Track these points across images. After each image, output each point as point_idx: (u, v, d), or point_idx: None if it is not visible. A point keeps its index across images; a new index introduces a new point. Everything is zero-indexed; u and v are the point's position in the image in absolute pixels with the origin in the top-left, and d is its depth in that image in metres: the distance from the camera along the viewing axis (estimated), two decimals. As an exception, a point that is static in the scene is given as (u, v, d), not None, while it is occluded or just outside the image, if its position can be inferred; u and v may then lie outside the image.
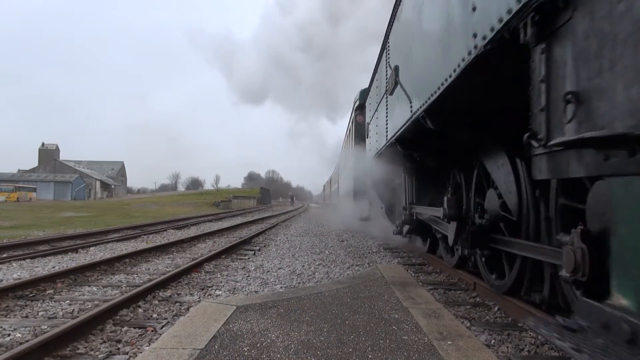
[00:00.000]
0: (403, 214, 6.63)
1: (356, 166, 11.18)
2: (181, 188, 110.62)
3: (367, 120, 9.21)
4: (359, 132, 11.38)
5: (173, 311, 3.92)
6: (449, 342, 2.50)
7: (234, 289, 4.77)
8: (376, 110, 7.39)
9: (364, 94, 10.19)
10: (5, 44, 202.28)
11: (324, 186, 39.12)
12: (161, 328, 3.39)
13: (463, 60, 2.52)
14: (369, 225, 11.43)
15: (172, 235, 11.38)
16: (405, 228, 6.85)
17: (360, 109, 11.37)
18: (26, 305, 4.03)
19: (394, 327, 2.82)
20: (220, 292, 4.62)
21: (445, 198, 4.30)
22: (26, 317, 3.68)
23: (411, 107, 4.13)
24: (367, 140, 9.23)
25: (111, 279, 5.39)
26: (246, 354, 2.32)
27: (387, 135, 5.95)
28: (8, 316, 3.68)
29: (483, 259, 4.06)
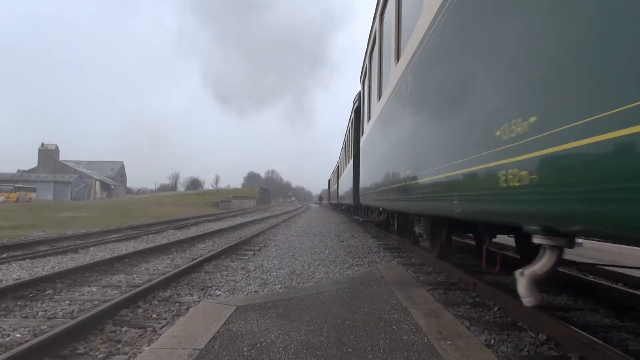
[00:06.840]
0: None
1: None
2: (181, 188, 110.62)
3: None
4: None
5: (173, 311, 3.92)
6: (448, 342, 2.50)
7: (234, 289, 4.77)
8: None
9: None
10: (5, 45, 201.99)
11: (329, 181, 33.10)
12: (161, 328, 3.39)
13: None
14: None
15: (172, 236, 11.38)
16: None
17: None
18: (26, 306, 4.03)
19: (393, 327, 2.82)
20: (220, 292, 4.62)
21: None
22: (26, 317, 3.68)
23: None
24: None
25: (111, 279, 5.39)
26: (246, 354, 2.31)
27: None
28: (8, 316, 3.68)
29: None
